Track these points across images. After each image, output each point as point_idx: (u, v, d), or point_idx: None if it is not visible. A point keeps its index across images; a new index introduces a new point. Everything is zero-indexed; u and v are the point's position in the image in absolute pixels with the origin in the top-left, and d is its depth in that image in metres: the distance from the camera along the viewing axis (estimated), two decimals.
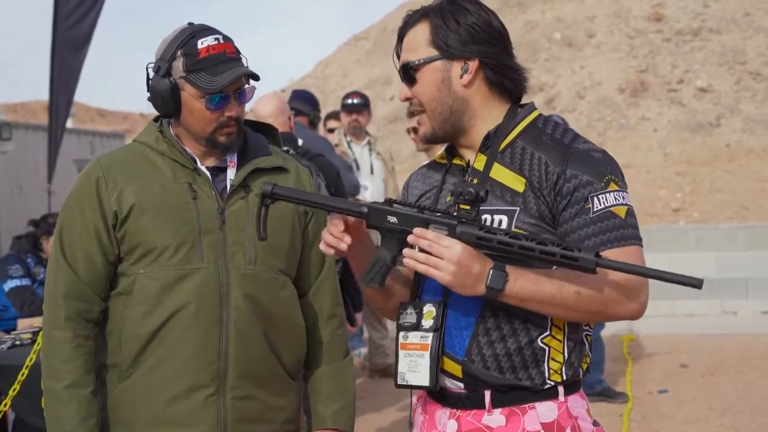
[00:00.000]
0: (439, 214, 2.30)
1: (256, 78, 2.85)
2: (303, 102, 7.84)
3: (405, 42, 2.47)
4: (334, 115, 9.62)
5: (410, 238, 2.28)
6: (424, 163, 2.77)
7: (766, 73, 17.15)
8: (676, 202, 14.07)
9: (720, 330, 10.45)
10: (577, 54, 18.57)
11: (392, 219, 2.33)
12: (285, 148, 5.18)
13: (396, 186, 8.79)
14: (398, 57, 2.49)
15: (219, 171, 2.90)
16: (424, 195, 2.56)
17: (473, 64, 2.39)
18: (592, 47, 18.69)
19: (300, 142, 7.13)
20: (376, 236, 2.47)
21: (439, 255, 2.24)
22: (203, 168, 2.88)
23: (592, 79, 17.68)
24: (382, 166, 8.75)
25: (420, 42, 2.43)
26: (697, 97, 16.91)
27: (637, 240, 2.32)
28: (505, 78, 2.42)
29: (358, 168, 8.58)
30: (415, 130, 6.73)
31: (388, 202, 2.37)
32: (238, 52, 2.86)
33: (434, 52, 2.40)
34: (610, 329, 8.98)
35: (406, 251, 2.29)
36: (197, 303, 2.78)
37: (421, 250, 2.27)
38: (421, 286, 2.46)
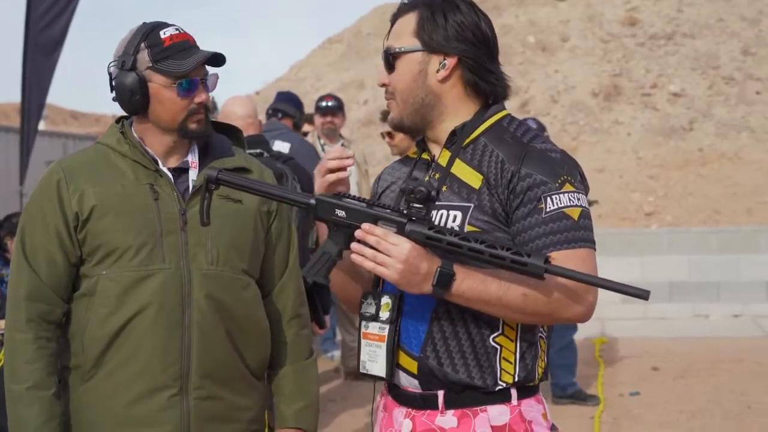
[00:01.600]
0: (388, 210, 2.31)
1: (223, 61, 2.86)
2: (288, 104, 7.84)
3: (393, 28, 2.49)
4: (308, 119, 9.62)
5: (358, 233, 2.29)
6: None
7: (739, 78, 17.28)
8: (649, 205, 14.14)
9: (691, 333, 10.52)
10: (551, 58, 18.64)
11: (340, 213, 2.33)
12: (257, 150, 5.20)
13: (369, 189, 8.81)
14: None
15: (181, 172, 2.91)
16: (389, 187, 2.58)
17: (451, 61, 2.41)
18: (566, 51, 18.77)
19: (287, 147, 7.13)
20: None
21: (387, 252, 2.26)
22: (165, 169, 2.89)
23: (566, 83, 17.76)
24: (356, 169, 8.76)
25: (405, 31, 2.45)
26: (670, 102, 17.01)
27: (588, 243, 2.32)
28: (482, 80, 2.44)
29: None
30: (389, 134, 6.74)
31: (338, 195, 2.37)
32: (196, 42, 2.87)
33: (416, 43, 2.43)
34: (582, 332, 9.02)
35: (353, 246, 2.31)
36: (159, 304, 2.78)
37: (370, 247, 2.29)
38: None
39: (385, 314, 2.42)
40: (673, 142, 15.96)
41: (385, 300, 2.42)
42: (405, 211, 2.28)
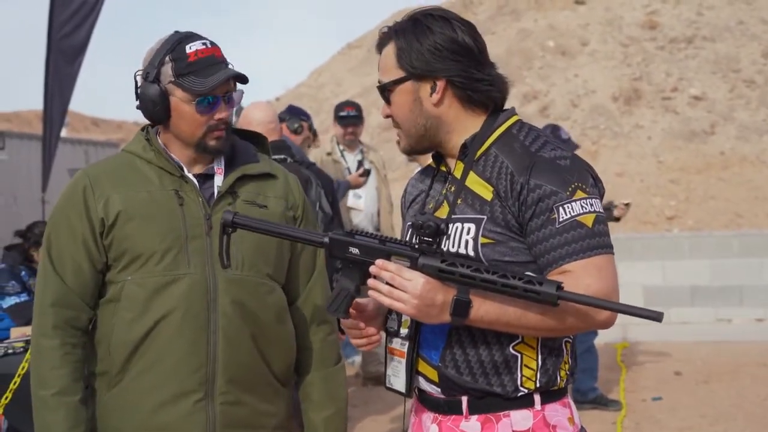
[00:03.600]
0: (401, 245, 2.32)
1: (245, 81, 2.87)
2: (286, 112, 7.81)
3: (380, 62, 2.51)
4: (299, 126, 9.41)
5: (372, 269, 2.30)
6: (418, 169, 2.81)
7: (760, 81, 17.19)
8: (670, 209, 14.09)
9: (714, 337, 10.46)
10: (571, 62, 18.61)
11: (354, 250, 2.36)
12: (281, 156, 5.22)
13: (389, 195, 8.80)
14: None
15: (206, 178, 2.92)
16: (415, 200, 2.61)
17: (441, 84, 2.40)
18: (585, 55, 18.73)
19: None
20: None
21: (402, 288, 2.26)
22: (190, 175, 2.90)
23: (586, 88, 17.72)
24: (375, 174, 8.76)
25: (389, 63, 2.45)
26: (691, 105, 16.94)
27: (605, 249, 2.31)
28: (476, 92, 2.42)
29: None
30: None
31: (350, 233, 2.39)
32: (224, 57, 2.88)
33: (402, 74, 2.43)
34: (603, 336, 8.99)
35: (370, 282, 2.32)
36: (184, 309, 2.79)
37: (386, 282, 2.29)
38: None
39: (405, 330, 2.44)
40: (694, 145, 15.89)
41: (406, 316, 2.42)
42: (416, 246, 2.30)
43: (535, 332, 2.32)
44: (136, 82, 2.90)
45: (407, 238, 2.46)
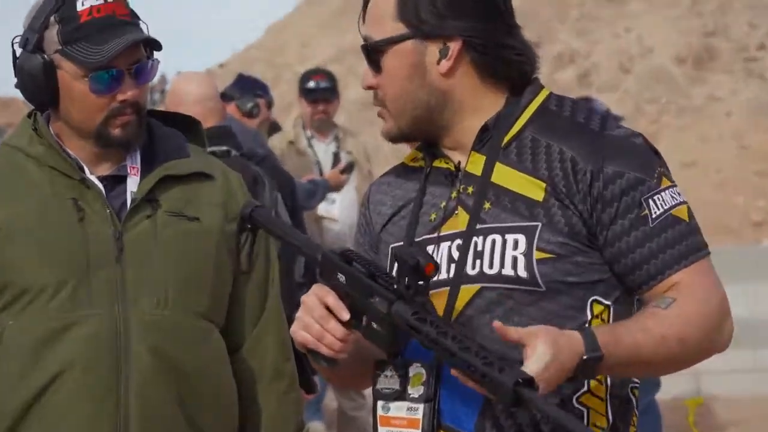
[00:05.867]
0: (385, 279, 2.32)
1: (158, 47, 2.88)
2: (233, 86, 7.78)
3: (368, 10, 2.47)
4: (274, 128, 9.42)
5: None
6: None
7: None
8: (759, 213, 14.12)
9: None
10: (620, 11, 18.65)
11: (341, 277, 2.37)
12: (223, 148, 5.19)
13: None
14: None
15: (116, 181, 2.91)
16: (397, 214, 2.55)
17: (455, 46, 2.39)
18: (640, 1, 18.78)
19: None
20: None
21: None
22: (93, 178, 2.89)
23: (641, 46, 17.76)
24: (356, 170, 8.75)
25: (385, 12, 2.43)
26: None
27: (707, 249, 2.40)
28: (501, 62, 2.42)
29: (321, 173, 8.56)
30: None
31: (346, 254, 2.39)
32: (133, 14, 2.88)
33: (403, 29, 2.41)
34: (668, 391, 8.97)
35: None
36: (86, 363, 2.78)
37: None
38: (400, 338, 2.46)
39: (417, 389, 2.38)
40: None
41: (416, 370, 2.38)
42: (397, 286, 2.30)
43: (666, 366, 2.41)
44: (14, 51, 2.89)
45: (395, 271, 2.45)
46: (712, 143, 15.76)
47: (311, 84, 8.69)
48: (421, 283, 2.29)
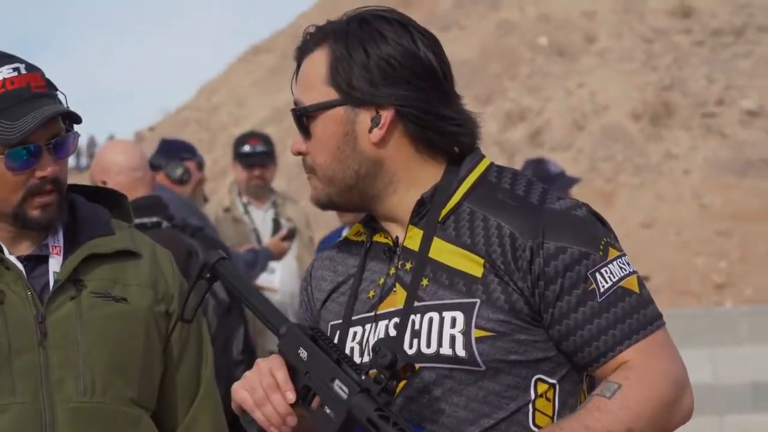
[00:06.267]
0: (351, 366, 2.33)
1: (78, 120, 2.87)
2: (157, 154, 7.73)
3: (300, 72, 2.48)
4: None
5: None
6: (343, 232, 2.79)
7: None
8: (720, 274, 14.20)
9: None
10: (573, 66, 18.78)
11: (302, 353, 2.38)
12: (153, 219, 5.17)
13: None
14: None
15: (38, 261, 2.90)
16: (337, 290, 2.56)
17: (387, 115, 2.40)
18: (593, 56, 18.92)
19: None
20: None
21: None
22: (13, 258, 2.87)
23: (595, 102, 17.88)
24: (296, 237, 8.74)
25: (317, 77, 2.44)
26: (743, 124, 17.16)
27: (661, 319, 2.38)
28: (437, 133, 2.42)
29: (259, 242, 8.54)
30: None
31: (313, 331, 2.40)
32: (49, 85, 2.87)
33: (334, 94, 2.42)
34: None
35: None
36: None
37: None
38: (349, 428, 2.45)
39: None
40: (750, 181, 16.07)
41: None
42: (364, 378, 2.30)
43: None
44: None
45: (361, 359, 2.44)
46: (671, 202, 15.86)
47: (246, 148, 8.64)
48: (391, 381, 2.28)
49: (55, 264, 2.90)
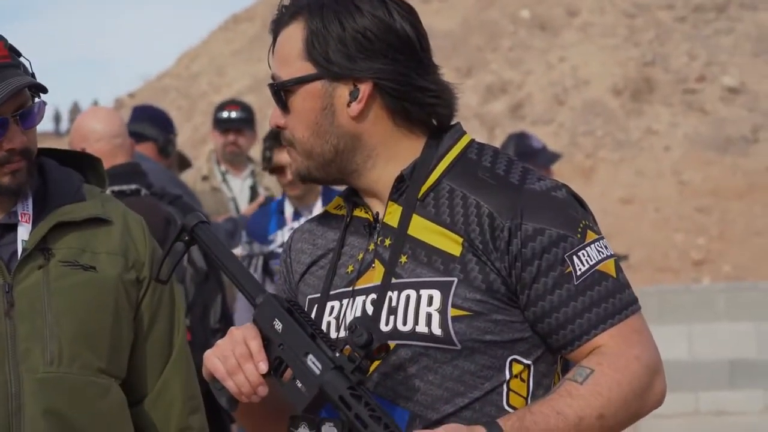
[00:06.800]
0: (326, 342, 2.33)
1: (43, 90, 2.86)
2: (146, 123, 7.74)
3: (277, 46, 2.47)
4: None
5: None
6: (315, 213, 2.78)
7: None
8: (699, 251, 14.24)
9: None
10: (554, 40, 18.80)
11: (277, 325, 2.38)
12: (132, 186, 5.16)
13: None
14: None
15: (6, 229, 2.89)
16: (316, 264, 2.56)
17: (365, 88, 2.40)
18: (575, 30, 18.95)
19: None
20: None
21: None
22: None
23: (576, 77, 17.90)
24: None
25: (292, 51, 2.44)
26: (724, 101, 17.20)
27: (636, 303, 2.39)
28: (415, 104, 2.42)
29: (237, 210, 8.54)
30: (280, 168, 6.68)
31: (291, 303, 2.40)
32: (12, 52, 2.86)
33: (311, 69, 2.41)
34: None
35: None
36: None
37: None
38: (320, 403, 2.45)
39: None
40: (730, 158, 16.12)
41: (328, 428, 2.34)
42: (338, 355, 2.30)
43: None
44: None
45: (336, 335, 2.44)
46: (651, 179, 15.90)
47: (224, 114, 8.69)
48: (365, 360, 2.29)
49: (23, 232, 2.89)
